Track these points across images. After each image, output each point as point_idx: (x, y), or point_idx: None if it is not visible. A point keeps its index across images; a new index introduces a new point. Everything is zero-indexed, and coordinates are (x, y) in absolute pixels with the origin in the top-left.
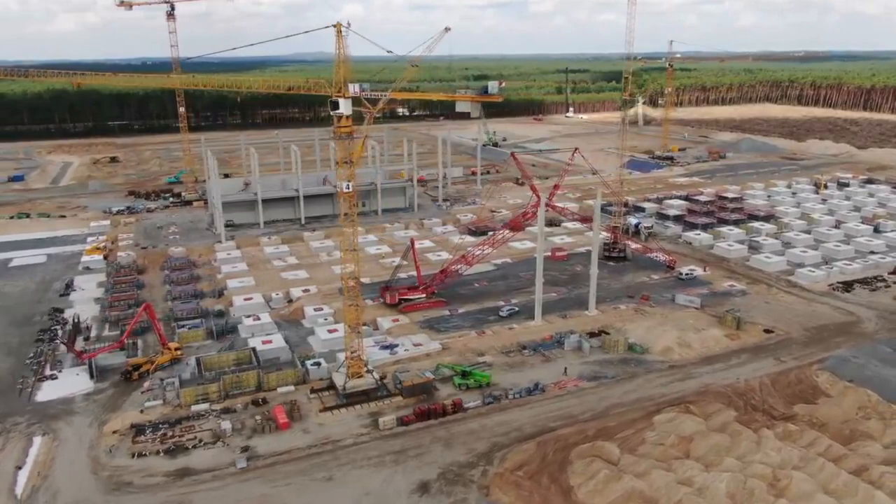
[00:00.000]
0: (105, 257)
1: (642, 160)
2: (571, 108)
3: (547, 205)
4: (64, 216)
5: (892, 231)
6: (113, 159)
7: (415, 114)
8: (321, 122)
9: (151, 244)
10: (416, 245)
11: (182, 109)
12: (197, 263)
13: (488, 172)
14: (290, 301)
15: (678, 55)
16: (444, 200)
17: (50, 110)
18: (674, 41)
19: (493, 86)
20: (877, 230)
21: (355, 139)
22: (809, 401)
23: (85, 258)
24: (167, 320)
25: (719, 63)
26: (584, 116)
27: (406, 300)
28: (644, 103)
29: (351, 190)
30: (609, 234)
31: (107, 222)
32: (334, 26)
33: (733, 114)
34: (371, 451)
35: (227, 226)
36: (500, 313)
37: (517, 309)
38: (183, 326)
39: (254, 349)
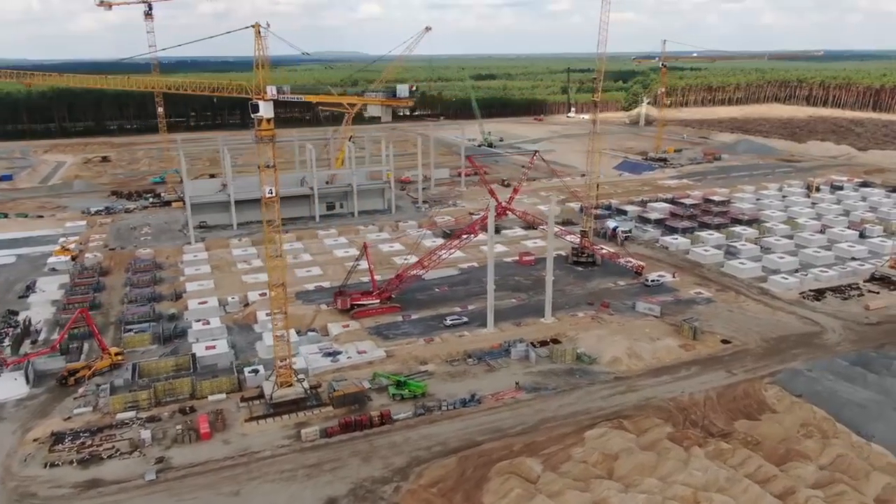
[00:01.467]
0: (73, 258)
1: (635, 161)
2: (573, 109)
3: (506, 209)
4: (42, 216)
5: (879, 237)
6: (104, 159)
7: (416, 113)
8: (321, 122)
9: (120, 245)
10: (384, 248)
11: (160, 110)
12: (163, 265)
13: (475, 173)
14: (247, 305)
15: (694, 54)
16: (424, 202)
17: (50, 109)
18: (667, 41)
19: (402, 89)
20: (862, 235)
21: (276, 142)
22: (753, 417)
23: (51, 259)
24: (119, 323)
25: (728, 62)
26: (586, 116)
27: (359, 305)
28: (649, 103)
29: (274, 195)
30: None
31: (83, 223)
32: (253, 27)
33: (738, 114)
34: (286, 465)
35: (200, 227)
36: (445, 322)
37: (465, 319)
38: (129, 330)
39: (193, 355)
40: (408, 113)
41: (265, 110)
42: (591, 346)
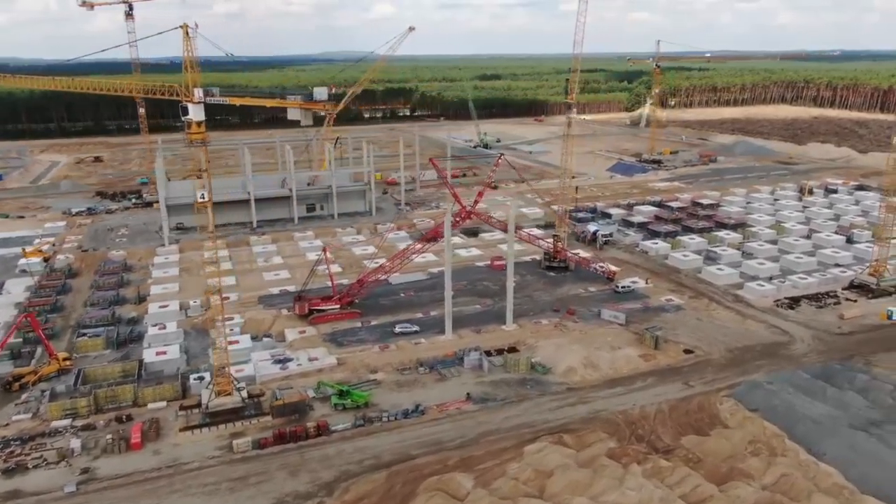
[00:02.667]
0: (45, 260)
1: (628, 163)
2: (574, 109)
3: (470, 212)
4: (23, 216)
5: (866, 242)
6: (97, 159)
7: (416, 114)
8: (319, 122)
9: (93, 247)
10: (357, 251)
11: (142, 111)
12: (133, 268)
13: (464, 175)
14: (208, 309)
15: (707, 55)
16: (406, 204)
17: (48, 110)
18: (661, 41)
19: (319, 92)
20: (850, 241)
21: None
22: (703, 432)
23: (23, 261)
24: (76, 327)
25: (740, 62)
26: (587, 117)
27: (318, 311)
28: (652, 104)
29: (206, 199)
30: (571, 241)
31: (62, 223)
32: (181, 27)
33: (741, 115)
34: (211, 478)
35: (177, 229)
36: (394, 330)
37: (415, 328)
38: (83, 335)
39: (141, 361)
40: (408, 113)
41: (195, 113)
42: (548, 356)
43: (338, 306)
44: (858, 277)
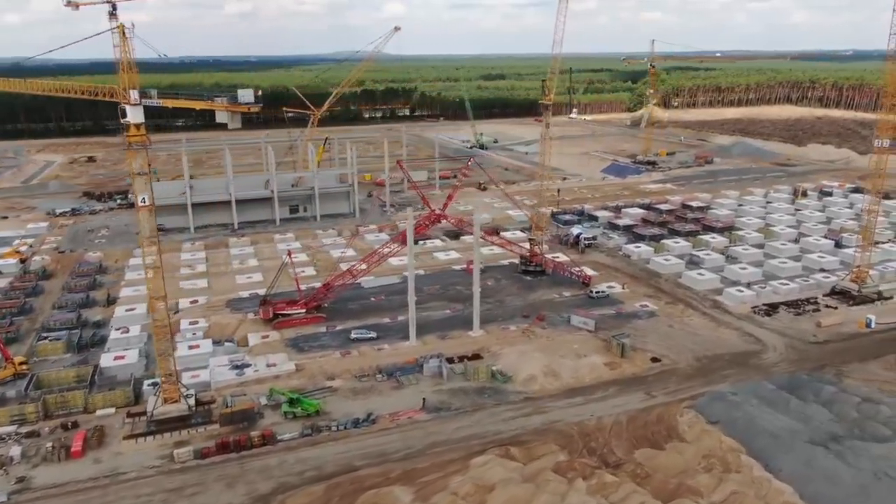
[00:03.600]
0: (22, 261)
1: (623, 164)
2: (575, 109)
3: (440, 215)
4: (6, 217)
5: (855, 247)
6: (90, 159)
7: (415, 114)
8: (324, 121)
9: (70, 248)
10: (336, 253)
11: None
12: (108, 269)
13: (454, 176)
14: (176, 312)
15: (718, 54)
16: (391, 206)
17: (46, 109)
18: (656, 41)
19: (243, 94)
20: (838, 245)
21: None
22: (658, 445)
23: None
24: (40, 330)
25: (749, 62)
26: (588, 117)
27: (282, 315)
28: (655, 104)
29: (148, 203)
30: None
31: (45, 224)
32: (116, 28)
33: (744, 115)
34: (146, 489)
35: (157, 230)
36: (350, 336)
37: (372, 334)
38: (45, 338)
39: (96, 365)
40: (408, 113)
41: (133, 115)
42: (510, 364)
43: (303, 311)
44: (840, 284)
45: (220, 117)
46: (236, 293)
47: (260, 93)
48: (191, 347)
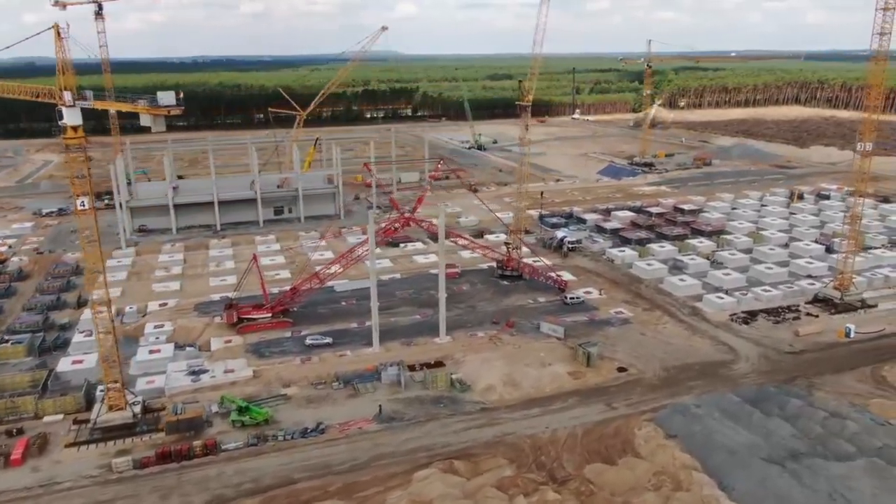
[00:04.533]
0: (1, 262)
1: (619, 166)
2: (578, 110)
3: (409, 218)
4: None
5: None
6: (87, 159)
7: (418, 114)
8: (324, 121)
9: (49, 249)
10: (317, 256)
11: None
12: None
13: (447, 178)
14: (144, 315)
15: (732, 54)
16: (377, 207)
17: (48, 108)
18: (652, 41)
19: (163, 97)
20: (829, 250)
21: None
22: (611, 460)
23: None
24: (6, 332)
25: (761, 62)
26: (591, 118)
27: (248, 319)
28: (660, 105)
29: (87, 207)
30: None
31: (30, 224)
32: (52, 28)
33: (750, 116)
34: (78, 500)
35: (139, 231)
36: (305, 342)
37: (327, 339)
38: (6, 341)
39: (51, 370)
40: (410, 113)
41: (70, 117)
42: (471, 372)
43: (269, 315)
44: (823, 291)
45: (144, 120)
46: (208, 296)
47: (182, 95)
48: (151, 352)
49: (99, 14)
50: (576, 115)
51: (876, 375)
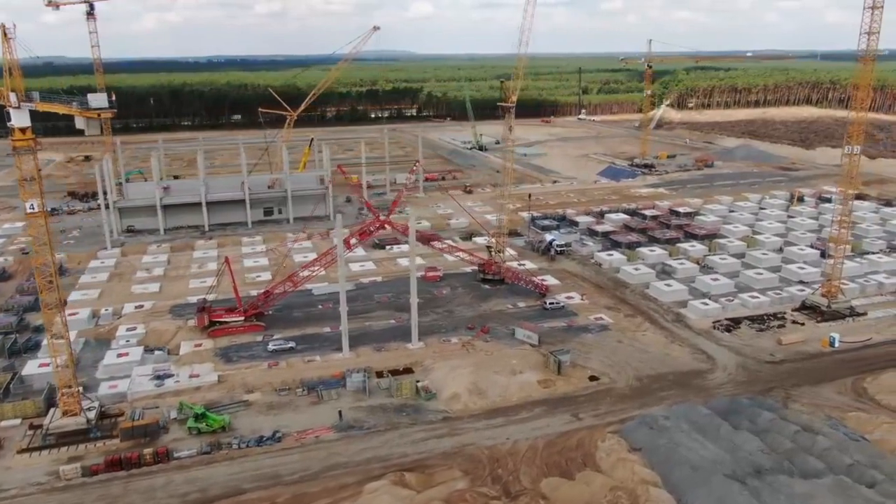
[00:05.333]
0: None
1: (620, 167)
2: (584, 110)
3: (384, 222)
4: None
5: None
6: (87, 158)
7: (422, 114)
8: (326, 122)
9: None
10: (298, 258)
11: None
12: (68, 272)
13: (443, 178)
14: (120, 317)
15: (749, 54)
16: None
17: None
18: (652, 40)
19: (94, 98)
20: (824, 255)
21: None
22: (569, 474)
23: None
24: None
25: (775, 62)
26: (597, 118)
27: (219, 323)
28: (668, 105)
29: (36, 210)
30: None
31: (21, 224)
32: None
33: (759, 117)
34: None
35: (128, 231)
36: (268, 348)
37: (290, 344)
38: None
39: (15, 373)
40: (414, 113)
41: (17, 119)
42: (439, 379)
43: (242, 318)
44: (810, 298)
45: (79, 123)
46: (185, 298)
47: (114, 97)
48: (119, 355)
49: (90, 14)
50: (581, 116)
51: (857, 387)
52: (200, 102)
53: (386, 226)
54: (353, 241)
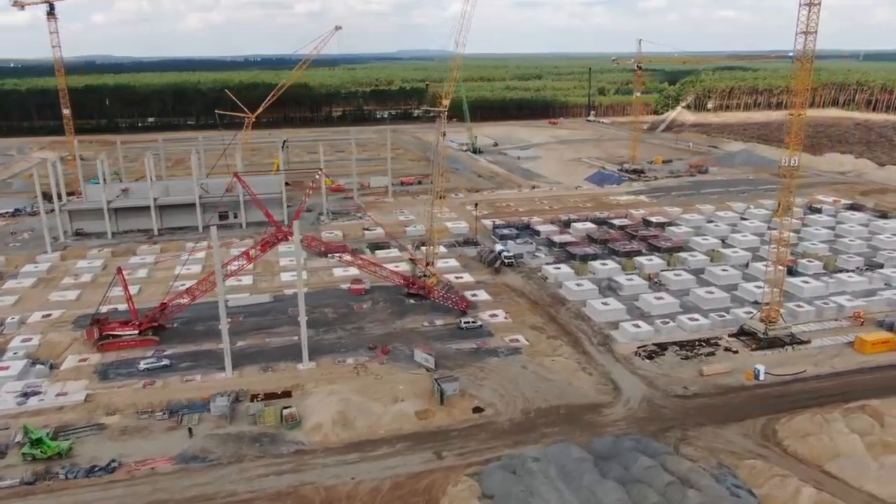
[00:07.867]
0: None
1: (608, 173)
2: (593, 112)
3: (287, 233)
4: None
5: (812, 273)
6: (81, 157)
7: (429, 114)
8: (327, 122)
9: None
10: (249, 267)
11: (66, 111)
12: (3, 276)
13: (419, 182)
14: (22, 325)
15: (791, 53)
16: (329, 213)
17: (55, 107)
18: (642, 40)
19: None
20: (791, 272)
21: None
22: None
23: None
24: None
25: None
26: (605, 120)
27: (111, 336)
28: (684, 107)
29: None
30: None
31: None
32: None
33: (774, 119)
34: None
35: (76, 234)
36: (140, 367)
37: (164, 362)
38: None
39: None
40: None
41: None
42: (311, 406)
43: (136, 332)
44: (748, 323)
45: None
46: (97, 308)
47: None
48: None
49: (51, 14)
50: (590, 117)
51: (766, 429)
52: (201, 103)
53: (288, 237)
54: (252, 252)
